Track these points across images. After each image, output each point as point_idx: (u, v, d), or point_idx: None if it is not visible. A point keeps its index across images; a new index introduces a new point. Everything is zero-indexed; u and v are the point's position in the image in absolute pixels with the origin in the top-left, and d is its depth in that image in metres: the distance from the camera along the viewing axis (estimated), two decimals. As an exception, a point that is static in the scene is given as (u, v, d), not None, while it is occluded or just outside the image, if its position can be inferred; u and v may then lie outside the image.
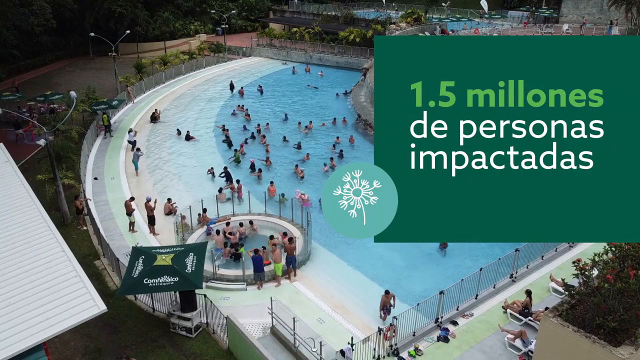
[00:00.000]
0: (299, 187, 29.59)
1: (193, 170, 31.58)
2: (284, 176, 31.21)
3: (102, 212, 25.95)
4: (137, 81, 49.29)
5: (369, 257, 22.55)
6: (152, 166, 32.23)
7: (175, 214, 25.52)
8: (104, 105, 37.00)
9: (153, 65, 55.93)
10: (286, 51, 66.71)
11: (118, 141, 36.04)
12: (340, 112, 43.80)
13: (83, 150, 31.57)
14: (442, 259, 23.00)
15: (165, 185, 29.61)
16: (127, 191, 28.36)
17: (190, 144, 36.34)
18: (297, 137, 37.78)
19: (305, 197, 26.98)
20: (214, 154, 34.81)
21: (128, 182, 29.62)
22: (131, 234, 23.90)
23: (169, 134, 38.14)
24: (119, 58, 68.26)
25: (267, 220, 24.50)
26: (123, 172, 30.93)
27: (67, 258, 13.03)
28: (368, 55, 59.89)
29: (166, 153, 34.56)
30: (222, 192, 27.37)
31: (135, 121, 40.87)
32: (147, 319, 18.30)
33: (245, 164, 32.29)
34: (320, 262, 22.18)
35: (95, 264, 21.69)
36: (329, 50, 64.93)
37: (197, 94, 49.85)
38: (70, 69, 62.56)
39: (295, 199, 26.01)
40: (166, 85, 52.23)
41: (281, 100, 48.68)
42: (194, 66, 59.36)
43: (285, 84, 55.15)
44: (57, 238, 13.99)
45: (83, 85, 52.12)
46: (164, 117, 41.84)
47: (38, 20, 54.36)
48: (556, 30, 56.85)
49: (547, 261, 21.05)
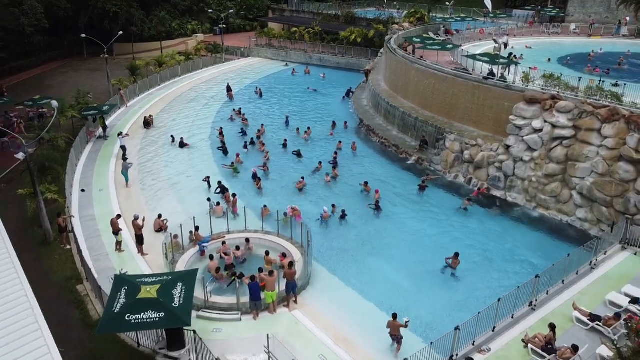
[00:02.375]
0: (298, 199, 27.91)
1: (187, 182, 29.84)
2: (282, 187, 29.50)
3: (88, 228, 24.25)
4: (131, 84, 47.53)
5: (374, 280, 20.89)
6: (143, 176, 30.51)
7: (165, 231, 23.86)
8: (93, 111, 35.28)
9: (148, 67, 54.09)
10: (285, 52, 64.96)
11: (109, 148, 34.32)
12: (342, 116, 42.09)
13: (71, 159, 29.88)
14: (451, 281, 21.32)
15: (157, 198, 27.90)
16: (115, 205, 26.66)
17: (184, 151, 34.64)
18: (297, 143, 36.09)
19: (297, 210, 25.33)
20: (209, 162, 33.10)
21: (117, 194, 27.91)
22: (118, 254, 22.22)
23: (162, 141, 36.43)
24: (114, 59, 66.62)
25: (264, 239, 22.81)
26: (112, 183, 29.23)
27: (26, 299, 11.27)
28: (370, 56, 58.18)
29: (159, 162, 32.85)
30: (219, 205, 25.78)
31: (128, 126, 39.13)
32: (131, 355, 16.64)
33: (243, 175, 30.58)
34: (321, 286, 20.47)
35: (78, 289, 20.01)
36: (329, 51, 63.18)
37: (193, 97, 48.11)
38: (63, 70, 60.81)
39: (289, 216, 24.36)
40: (161, 88, 50.48)
41: (281, 103, 46.94)
42: (190, 67, 57.62)
43: (285, 86, 53.38)
44: (19, 273, 12.23)
45: (76, 87, 50.47)
46: (157, 122, 40.12)
47: (29, 20, 52.57)
48: (563, 30, 55.06)
49: (568, 285, 19.34)
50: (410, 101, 36.59)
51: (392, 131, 36.70)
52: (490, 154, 28.19)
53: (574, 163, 24.68)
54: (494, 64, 31.33)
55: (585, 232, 24.39)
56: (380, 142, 36.08)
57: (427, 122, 33.20)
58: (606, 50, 43.89)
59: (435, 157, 31.30)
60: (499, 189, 27.82)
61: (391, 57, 40.95)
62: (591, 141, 24.25)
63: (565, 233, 24.81)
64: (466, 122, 31.40)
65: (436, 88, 33.60)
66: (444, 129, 31.62)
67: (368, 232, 24.74)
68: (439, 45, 36.97)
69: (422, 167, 31.83)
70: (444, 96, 33.00)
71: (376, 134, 36.92)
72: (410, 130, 34.99)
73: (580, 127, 24.69)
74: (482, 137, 29.41)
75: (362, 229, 24.98)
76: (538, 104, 26.41)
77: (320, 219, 25.33)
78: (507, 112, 28.47)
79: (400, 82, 38.65)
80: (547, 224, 25.54)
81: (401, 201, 27.96)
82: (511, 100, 28.38)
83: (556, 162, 25.29)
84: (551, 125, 25.57)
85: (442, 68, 33.61)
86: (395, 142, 34.81)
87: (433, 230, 25.11)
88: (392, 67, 40.96)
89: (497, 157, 27.80)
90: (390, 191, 28.71)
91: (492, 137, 29.33)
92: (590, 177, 24.19)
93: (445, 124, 32.14)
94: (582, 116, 24.78)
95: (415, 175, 30.89)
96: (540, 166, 26.01)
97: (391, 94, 39.53)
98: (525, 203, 26.73)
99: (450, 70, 32.92)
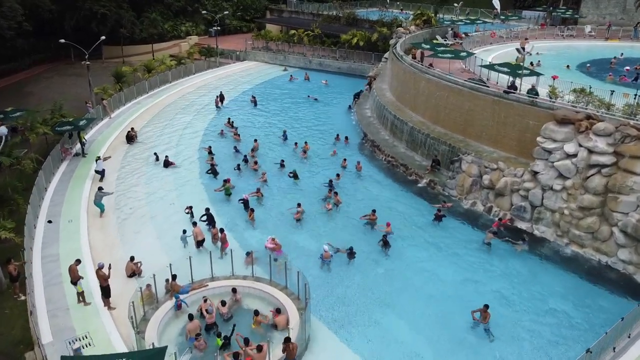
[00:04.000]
0: (295, 232, 24.48)
1: (169, 211, 26.24)
2: (278, 216, 26.02)
3: (50, 272, 20.69)
4: (116, 92, 43.99)
5: (385, 343, 17.45)
6: (121, 202, 27.01)
7: (139, 276, 20.47)
8: (68, 127, 31.71)
9: (135, 73, 50.50)
10: (283, 55, 61.41)
11: (86, 168, 30.78)
12: (343, 129, 38.61)
13: (38, 184, 26.39)
14: (480, 345, 17.82)
15: (134, 231, 24.38)
16: (85, 240, 23.16)
17: (169, 172, 31.10)
18: (295, 161, 32.64)
19: (277, 244, 21.97)
20: (196, 185, 29.62)
21: (89, 226, 24.43)
22: (81, 308, 18.73)
23: (145, 159, 32.92)
24: (103, 62, 63.20)
25: (253, 287, 19.37)
26: (85, 212, 25.72)
27: None
28: (373, 61, 54.68)
29: (140, 184, 29.31)
30: (196, 226, 22.72)
31: (109, 141, 35.64)
32: None
33: (234, 202, 27.10)
34: (321, 353, 17.02)
35: (26, 357, 16.55)
36: (330, 55, 59.65)
37: (183, 106, 44.57)
38: (48, 75, 57.34)
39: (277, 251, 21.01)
40: (150, 96, 46.95)
41: (278, 113, 43.44)
42: (182, 73, 54.05)
43: (283, 93, 49.88)
44: None
45: (59, 95, 47.06)
46: (142, 136, 36.64)
47: (8, 23, 48.97)
48: (578, 32, 51.60)
49: (619, 354, 15.97)
50: (420, 115, 33.08)
51: (399, 147, 33.20)
52: (514, 180, 24.72)
53: (616, 195, 21.19)
54: (515, 75, 27.84)
55: (630, 277, 20.94)
56: (386, 159, 32.59)
57: (439, 140, 29.70)
58: (626, 55, 40.40)
59: (450, 180, 27.81)
60: (524, 220, 24.36)
61: (398, 65, 37.43)
62: (636, 170, 20.77)
63: (604, 276, 21.32)
64: (484, 141, 27.91)
65: (450, 101, 30.11)
66: (459, 149, 28.16)
67: (375, 276, 21.27)
68: (452, 53, 33.42)
69: (435, 191, 28.35)
70: (458, 111, 29.51)
71: (382, 150, 33.41)
72: (419, 148, 31.49)
73: (623, 154, 21.19)
74: (503, 159, 25.93)
75: (368, 272, 21.51)
76: (571, 124, 22.89)
77: (321, 259, 21.88)
78: (532, 132, 25.03)
79: (408, 93, 35.14)
80: (582, 264, 22.07)
81: (412, 234, 24.49)
82: (536, 118, 24.91)
83: (593, 194, 21.79)
84: (587, 150, 22.07)
85: (457, 79, 30.11)
86: (403, 160, 31.31)
87: (451, 272, 21.64)
88: (398, 75, 37.44)
89: (523, 184, 24.31)
90: (399, 221, 25.23)
91: (514, 160, 25.87)
92: (635, 212, 20.71)
93: (460, 143, 28.66)
94: (625, 140, 21.29)
95: (427, 201, 27.41)
96: (574, 197, 22.52)
97: (398, 105, 36.01)
98: (556, 238, 23.26)
99: (465, 82, 29.40)
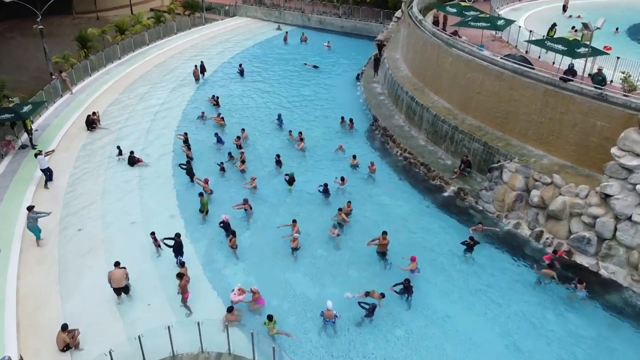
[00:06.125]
0: (291, 269, 18.91)
1: (128, 233, 20.51)
2: (266, 243, 20.32)
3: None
4: (79, 61, 37.28)
5: None
6: (68, 220, 21.26)
7: (76, 348, 15.09)
8: (8, 114, 25.46)
9: (104, 36, 43.42)
10: (279, 11, 54.01)
11: (32, 165, 24.85)
12: (348, 109, 32.35)
13: (-39, 196, 20.66)
14: None
15: (79, 266, 18.73)
16: (11, 285, 17.56)
17: (134, 171, 25.18)
18: (292, 156, 26.67)
19: (257, 293, 16.64)
20: (168, 192, 23.74)
21: (20, 261, 18.76)
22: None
23: (107, 153, 26.92)
24: (74, 18, 55.91)
25: (229, 377, 14.02)
26: (18, 237, 20.01)
27: None
28: (382, 19, 47.48)
29: (94, 192, 23.40)
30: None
31: (66, 127, 29.48)
32: None
33: (212, 219, 21.33)
34: None
35: None
36: (331, 11, 52.22)
37: (159, 78, 38.00)
38: (9, 34, 50.19)
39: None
40: (121, 63, 40.32)
41: (271, 86, 36.98)
42: (161, 33, 46.96)
43: (276, 59, 43.04)
44: None
45: (14, 63, 40.54)
46: (106, 120, 30.41)
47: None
48: None
49: None
50: (445, 99, 26.76)
51: (418, 139, 27.13)
52: (576, 201, 18.90)
53: None
54: (573, 55, 21.42)
55: None
56: (402, 155, 26.63)
57: (471, 135, 23.64)
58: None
59: (485, 192, 21.98)
60: (587, 254, 18.75)
61: (415, 32, 30.68)
62: None
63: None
64: (531, 141, 21.88)
65: (485, 87, 23.81)
66: (497, 149, 22.20)
67: (395, 343, 15.85)
68: (486, 21, 26.65)
69: (465, 203, 22.59)
70: (496, 99, 23.29)
71: (396, 142, 27.35)
72: (444, 142, 25.46)
73: None
74: (557, 170, 20.04)
75: (384, 335, 16.05)
76: (663, 134, 16.93)
77: (322, 319, 16.36)
78: (600, 135, 19.10)
79: (429, 69, 28.63)
80: (669, 324, 16.70)
81: (438, 270, 18.89)
82: (607, 119, 18.88)
83: (692, 232, 16.14)
84: (687, 172, 16.23)
85: (494, 58, 23.67)
86: (423, 158, 25.35)
87: (489, 334, 16.23)
88: (416, 46, 30.74)
89: (587, 209, 18.53)
90: (422, 251, 19.53)
91: (571, 169, 20.01)
92: None
93: (498, 141, 22.66)
94: None
95: (456, 218, 21.70)
96: (661, 234, 16.87)
97: (416, 84, 29.54)
98: (632, 284, 17.73)
99: (507, 62, 22.97)
